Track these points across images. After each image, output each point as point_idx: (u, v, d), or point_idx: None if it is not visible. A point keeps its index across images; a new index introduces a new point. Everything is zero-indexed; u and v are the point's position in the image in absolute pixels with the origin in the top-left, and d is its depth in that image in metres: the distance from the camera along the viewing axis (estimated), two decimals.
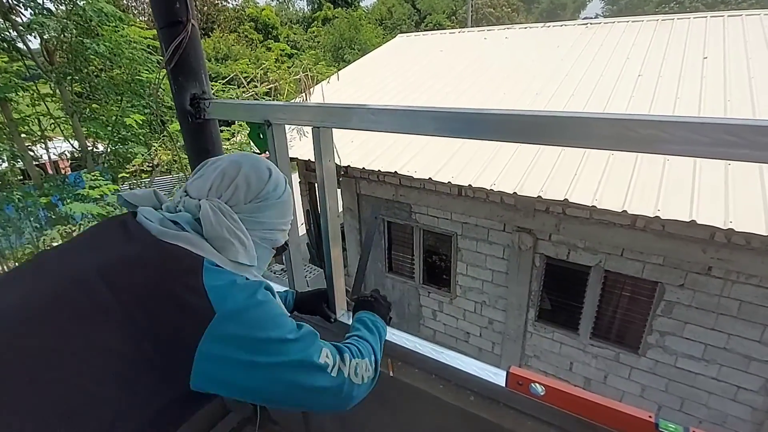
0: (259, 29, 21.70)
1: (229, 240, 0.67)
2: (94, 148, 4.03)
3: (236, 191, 0.72)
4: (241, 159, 0.76)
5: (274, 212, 0.78)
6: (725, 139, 0.59)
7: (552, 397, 0.92)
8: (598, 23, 7.65)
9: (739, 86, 4.72)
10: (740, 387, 4.11)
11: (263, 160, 0.79)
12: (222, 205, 0.69)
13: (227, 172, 0.72)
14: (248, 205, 0.73)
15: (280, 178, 0.80)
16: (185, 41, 1.19)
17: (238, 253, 0.68)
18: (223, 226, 0.67)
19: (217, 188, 0.71)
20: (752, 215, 3.28)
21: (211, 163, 0.76)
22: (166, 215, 0.69)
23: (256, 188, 0.74)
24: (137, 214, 0.70)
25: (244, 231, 0.71)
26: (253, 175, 0.74)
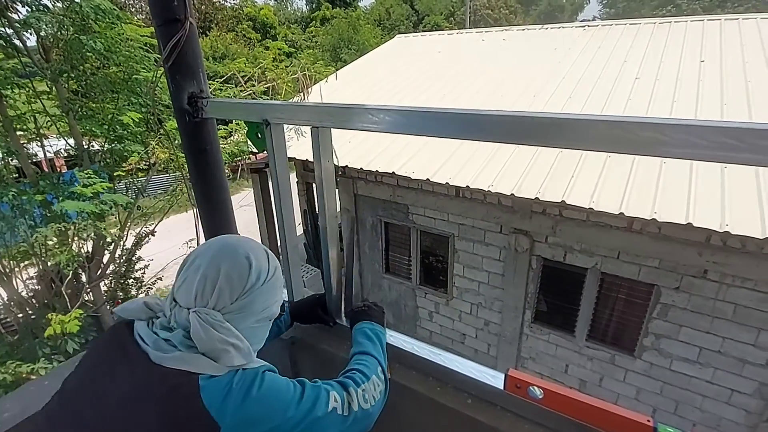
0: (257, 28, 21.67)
1: (223, 350, 0.69)
2: (90, 147, 4.00)
3: (221, 295, 0.73)
4: (219, 255, 0.76)
5: (264, 298, 0.79)
6: (725, 143, 0.59)
7: (550, 400, 0.91)
8: (596, 26, 7.67)
9: (735, 89, 4.74)
10: (734, 390, 4.12)
11: (242, 250, 0.78)
12: (210, 315, 0.71)
13: (208, 276, 0.73)
14: (235, 303, 0.74)
15: (262, 264, 0.79)
16: (183, 39, 1.18)
17: (233, 359, 0.70)
18: (214, 339, 0.69)
19: (202, 295, 0.72)
20: (748, 218, 3.30)
21: (191, 263, 0.76)
22: (160, 335, 0.72)
23: (239, 287, 0.75)
24: (134, 330, 0.74)
25: (236, 335, 0.72)
26: (233, 273, 0.74)
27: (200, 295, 0.72)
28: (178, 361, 0.68)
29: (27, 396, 1.12)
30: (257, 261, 0.78)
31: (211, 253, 0.76)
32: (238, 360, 0.70)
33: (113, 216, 4.13)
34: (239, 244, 0.80)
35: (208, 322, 0.69)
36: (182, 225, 7.83)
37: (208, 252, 0.77)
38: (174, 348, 0.70)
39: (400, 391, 1.10)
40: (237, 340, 0.71)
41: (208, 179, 1.35)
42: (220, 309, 0.73)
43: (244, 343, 0.73)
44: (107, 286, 4.71)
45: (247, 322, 0.76)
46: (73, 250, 3.62)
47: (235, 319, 0.74)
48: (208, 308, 0.72)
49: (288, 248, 1.26)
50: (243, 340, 0.73)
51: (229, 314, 0.73)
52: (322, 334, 1.28)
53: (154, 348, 0.70)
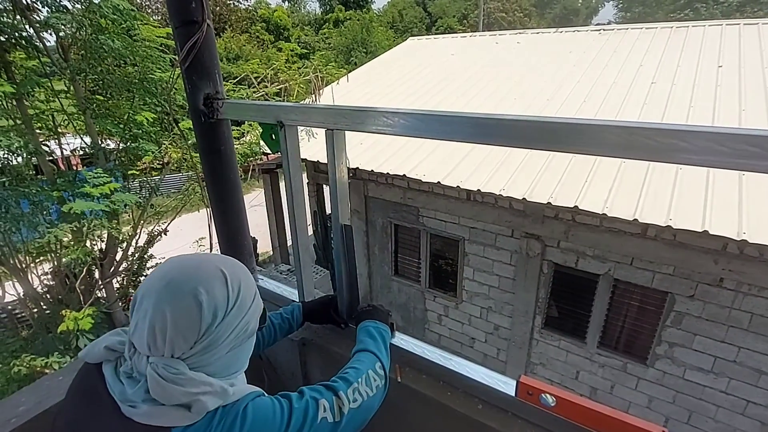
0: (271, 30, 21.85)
1: (187, 403, 0.64)
2: (106, 145, 4.07)
3: (175, 344, 0.65)
4: (163, 296, 0.66)
5: (229, 330, 0.70)
6: (748, 151, 0.58)
7: (563, 408, 0.90)
8: (612, 29, 7.59)
9: (754, 96, 4.66)
10: (750, 401, 4.03)
11: (188, 287, 0.67)
12: (169, 368, 0.64)
13: (156, 324, 0.64)
14: (195, 347, 0.67)
15: (217, 298, 0.68)
16: (200, 41, 1.20)
17: (206, 404, 0.64)
18: (177, 394, 0.63)
19: (155, 345, 0.65)
20: (766, 226, 3.23)
21: (139, 304, 0.68)
22: (125, 384, 0.67)
23: (192, 333, 0.66)
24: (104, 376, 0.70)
25: (204, 381, 0.65)
26: (180, 320, 0.65)
27: (153, 346, 0.65)
28: (146, 417, 0.63)
29: (42, 390, 1.13)
30: (209, 296, 0.67)
31: (155, 293, 0.67)
32: (212, 403, 0.65)
33: (127, 214, 4.19)
34: (185, 278, 0.68)
35: (167, 378, 0.63)
36: (194, 224, 7.93)
37: (153, 293, 0.67)
38: (141, 403, 0.65)
39: (410, 395, 1.10)
40: (206, 386, 0.65)
41: (222, 179, 1.36)
42: (179, 356, 0.66)
43: (215, 384, 0.66)
44: (119, 283, 4.78)
45: (217, 355, 0.70)
46: (86, 247, 3.68)
47: (202, 360, 0.68)
48: (165, 357, 0.65)
49: (300, 249, 1.26)
50: (213, 384, 0.66)
51: (193, 357, 0.67)
52: (333, 336, 1.28)
53: (121, 400, 0.65)
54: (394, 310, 6.60)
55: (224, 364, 0.72)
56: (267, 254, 8.88)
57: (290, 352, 1.32)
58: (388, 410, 1.18)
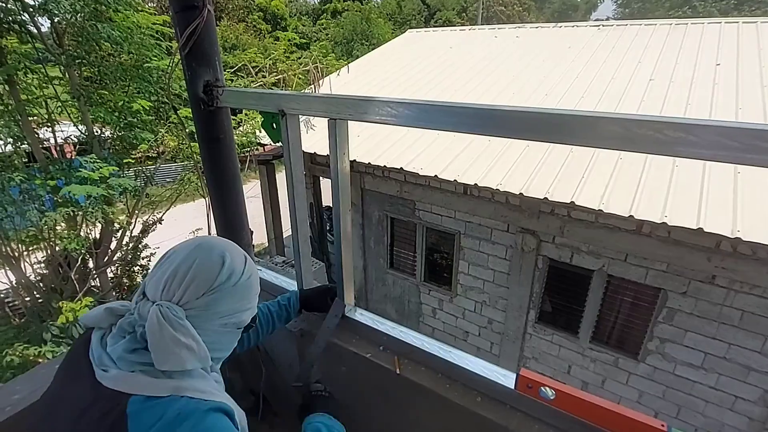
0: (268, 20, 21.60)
1: (173, 352, 0.66)
2: (101, 134, 4.01)
3: (187, 289, 0.71)
4: (195, 252, 0.74)
5: (232, 299, 0.76)
6: (758, 146, 0.57)
7: (562, 401, 0.90)
8: (611, 25, 7.58)
9: (751, 94, 4.68)
10: (738, 397, 4.09)
11: (218, 248, 0.76)
12: (171, 310, 0.68)
13: (179, 269, 0.72)
14: (200, 299, 0.72)
15: (236, 265, 0.77)
16: (200, 27, 1.17)
17: (184, 361, 0.67)
18: (167, 337, 0.66)
19: (169, 288, 0.71)
20: (760, 225, 3.25)
21: (168, 257, 0.75)
22: (108, 345, 0.70)
23: (206, 282, 0.72)
24: (90, 343, 0.72)
25: (193, 335, 0.69)
26: (203, 268, 0.73)
27: (167, 288, 0.71)
28: (113, 381, 0.66)
29: (37, 379, 1.12)
30: (231, 261, 0.76)
31: (187, 249, 0.75)
32: (189, 363, 0.68)
33: (121, 203, 4.15)
34: (218, 243, 0.78)
35: (168, 318, 0.67)
36: (189, 214, 7.88)
37: (184, 248, 0.76)
38: (113, 365, 0.67)
39: (408, 387, 1.10)
40: (193, 341, 0.69)
41: (221, 168, 1.35)
42: (184, 304, 0.70)
43: (200, 346, 0.70)
44: (113, 272, 4.75)
45: (212, 322, 0.74)
46: (80, 235, 3.64)
47: (199, 316, 0.72)
48: (172, 302, 0.70)
49: (300, 239, 1.25)
50: (200, 343, 0.70)
51: (194, 310, 0.71)
52: None
53: (98, 364, 0.68)
54: (389, 302, 6.62)
55: (210, 339, 0.75)
56: (262, 246, 8.86)
57: (288, 343, 1.32)
58: (386, 402, 1.18)
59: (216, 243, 0.78)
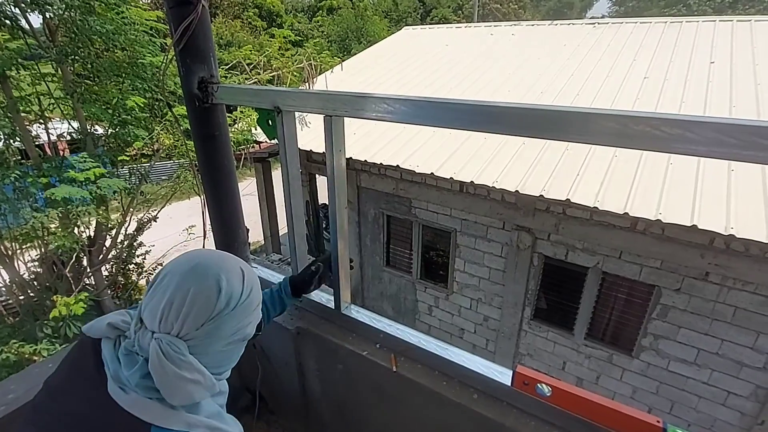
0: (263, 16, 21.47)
1: (178, 387, 0.66)
2: (93, 130, 3.96)
3: (185, 321, 0.68)
4: (189, 277, 0.71)
5: (234, 322, 0.74)
6: (756, 142, 0.57)
7: (558, 398, 0.91)
8: (606, 23, 7.60)
9: (745, 92, 4.71)
10: (730, 392, 4.14)
11: (212, 271, 0.73)
12: (173, 345, 0.66)
13: (175, 299, 0.69)
14: (200, 329, 0.70)
15: (234, 288, 0.74)
16: (195, 22, 1.16)
17: (192, 395, 0.67)
18: (171, 374, 0.65)
19: (166, 320, 0.68)
20: (753, 222, 3.28)
21: (161, 281, 0.72)
22: (122, 362, 0.69)
23: (204, 313, 0.70)
24: (101, 348, 0.71)
25: (198, 369, 0.69)
26: (199, 299, 0.69)
27: (164, 320, 0.68)
28: (131, 405, 0.65)
29: (31, 378, 1.11)
30: (228, 284, 0.73)
31: (181, 273, 0.71)
32: (198, 395, 0.68)
33: (116, 201, 4.12)
34: (212, 264, 0.74)
35: (169, 355, 0.66)
36: (184, 212, 7.83)
37: (178, 271, 0.72)
38: (132, 389, 0.67)
39: (405, 385, 1.10)
40: (198, 374, 0.68)
41: (216, 166, 1.33)
42: (183, 335, 0.68)
43: (206, 377, 0.69)
44: (108, 271, 4.71)
45: (215, 346, 0.73)
46: (74, 234, 3.61)
47: (201, 345, 0.71)
48: (171, 335, 0.68)
49: (296, 236, 1.25)
50: (205, 374, 0.69)
51: (194, 340, 0.70)
52: (327, 326, 1.28)
53: (114, 380, 0.67)
54: (385, 300, 6.63)
55: (217, 360, 0.75)
56: (258, 244, 8.83)
57: (284, 341, 1.32)
58: (383, 400, 1.18)
59: (210, 264, 0.74)
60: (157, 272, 0.75)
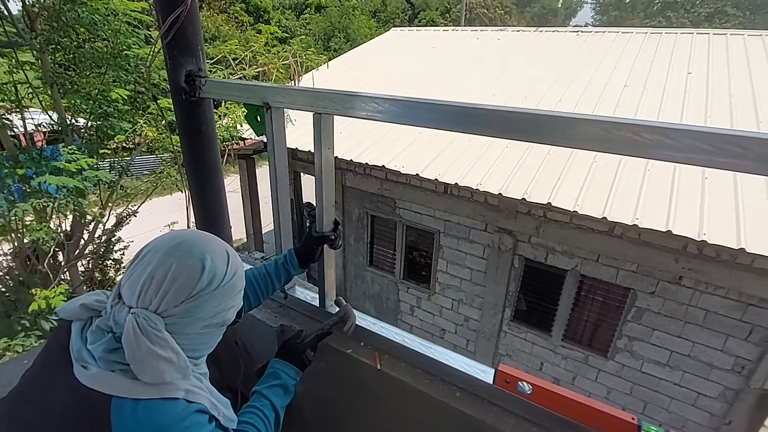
0: (250, 12, 21.17)
1: (150, 364, 0.64)
2: (75, 122, 3.85)
3: (164, 297, 0.67)
4: (172, 252, 0.70)
5: (215, 303, 0.72)
6: (731, 150, 0.60)
7: (538, 396, 0.93)
8: (589, 32, 7.76)
9: (720, 103, 4.88)
10: (700, 393, 4.28)
11: (197, 249, 0.71)
12: (149, 321, 0.65)
13: (156, 274, 0.67)
14: (179, 306, 0.68)
15: (218, 268, 0.72)
16: (184, 15, 1.15)
17: (163, 374, 0.65)
18: (144, 350, 0.63)
19: (145, 295, 0.67)
20: (724, 229, 3.41)
21: (143, 256, 0.71)
22: (88, 340, 0.68)
23: (185, 289, 0.68)
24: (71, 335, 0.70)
25: (172, 347, 0.66)
26: (181, 275, 0.68)
27: (143, 295, 0.67)
28: (92, 380, 0.64)
29: (5, 375, 1.08)
30: (212, 263, 0.71)
31: (165, 249, 0.70)
32: (169, 375, 0.66)
33: (94, 195, 4.00)
34: (197, 242, 0.73)
35: (144, 329, 0.64)
36: (164, 208, 7.69)
37: (162, 247, 0.71)
38: (94, 363, 0.65)
39: (388, 382, 1.11)
40: (172, 353, 0.66)
41: (202, 161, 1.32)
42: (161, 312, 0.67)
43: (180, 357, 0.67)
44: (84, 266, 4.59)
45: (193, 327, 0.71)
46: (50, 228, 3.51)
47: (179, 323, 0.69)
48: (149, 311, 0.66)
49: (281, 234, 1.25)
50: (180, 354, 0.67)
51: (172, 317, 0.68)
52: (311, 323, 1.28)
53: (78, 359, 0.66)
54: (367, 300, 6.63)
55: (194, 342, 0.73)
56: (240, 241, 8.73)
57: (268, 339, 1.31)
58: (366, 398, 1.19)
59: (196, 242, 0.73)
60: (141, 249, 0.74)
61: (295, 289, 1.38)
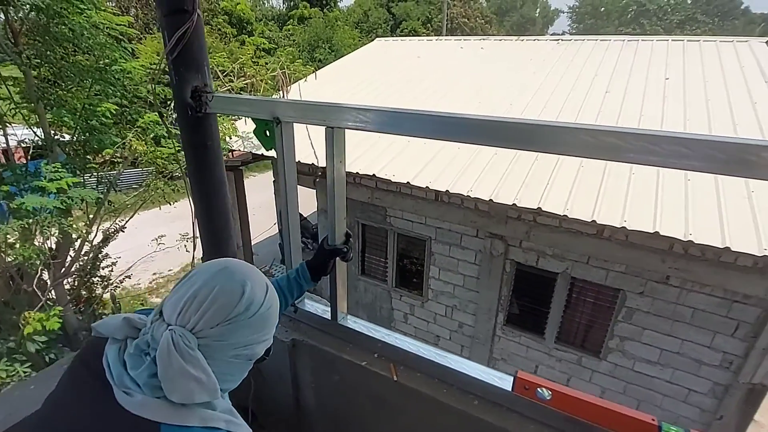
0: (234, 24, 21.11)
1: (182, 383, 0.65)
2: (61, 137, 3.76)
3: (203, 317, 0.69)
4: (218, 276, 0.72)
5: (247, 331, 0.73)
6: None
7: (558, 401, 0.94)
8: (569, 40, 7.97)
9: (697, 106, 5.04)
10: (691, 390, 4.37)
11: (239, 275, 0.74)
12: (184, 338, 0.66)
13: (199, 293, 0.69)
14: (215, 329, 0.69)
15: (256, 296, 0.74)
16: (190, 31, 1.15)
17: (193, 393, 0.66)
18: (176, 367, 0.65)
19: (185, 313, 0.68)
20: (709, 229, 3.51)
21: (190, 277, 0.73)
22: (128, 364, 0.68)
23: (223, 311, 0.70)
24: (104, 355, 0.70)
25: (203, 368, 0.68)
26: (221, 297, 0.70)
27: (184, 312, 0.68)
28: (139, 407, 0.64)
29: (12, 401, 1.05)
30: (252, 291, 0.73)
31: (210, 272, 0.73)
32: (198, 396, 0.67)
33: (81, 210, 3.91)
34: (240, 270, 0.76)
35: (178, 346, 0.65)
36: (150, 222, 7.55)
37: (208, 271, 0.73)
38: (138, 389, 0.66)
39: (405, 393, 1.11)
40: (203, 373, 0.67)
41: (208, 176, 1.31)
42: (197, 331, 0.68)
43: (210, 379, 0.68)
44: (70, 284, 4.46)
45: (224, 353, 0.72)
46: (35, 246, 3.40)
47: (211, 346, 0.70)
48: (186, 329, 0.67)
49: (292, 249, 1.24)
50: (210, 376, 0.68)
51: (206, 339, 0.69)
52: (324, 337, 1.27)
53: (119, 384, 0.66)
54: (360, 309, 6.60)
55: (221, 370, 0.73)
56: None
57: (278, 353, 1.30)
58: (383, 410, 1.19)
59: (239, 269, 0.75)
60: (189, 271, 0.76)
61: (304, 302, 1.37)
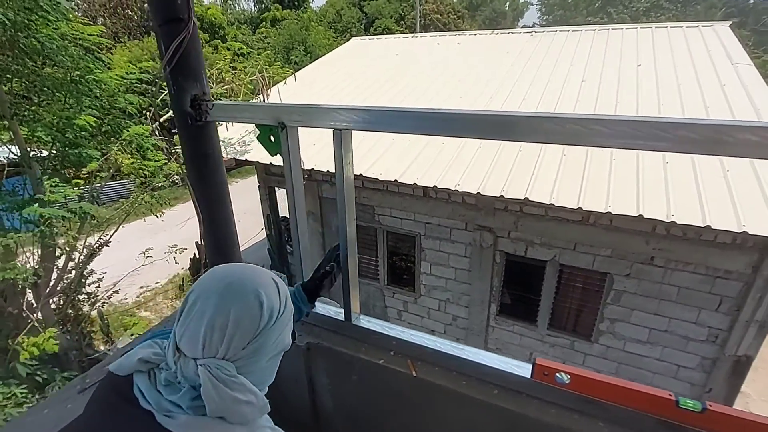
0: (205, 29, 20.76)
1: (235, 411, 0.65)
2: (39, 152, 3.64)
3: (231, 343, 0.66)
4: (226, 298, 0.68)
5: (274, 336, 0.73)
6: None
7: (576, 384, 0.97)
8: (542, 32, 8.10)
9: (669, 91, 5.20)
10: (680, 366, 4.52)
11: (251, 287, 0.70)
12: (222, 369, 0.65)
13: (216, 323, 0.66)
14: (247, 348, 0.68)
15: (273, 300, 0.72)
16: (186, 40, 1.14)
17: (246, 414, 0.66)
18: (227, 399, 0.64)
19: (210, 345, 0.66)
20: (689, 209, 3.63)
21: (191, 307, 0.68)
22: (164, 393, 0.66)
23: (249, 332, 0.68)
24: (133, 384, 0.68)
25: (250, 389, 0.67)
26: (244, 318, 0.67)
27: (208, 345, 0.65)
28: (184, 428, 0.63)
29: (27, 426, 1.03)
30: (268, 298, 0.71)
31: (217, 293, 0.68)
32: (252, 416, 0.67)
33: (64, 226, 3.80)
34: (246, 279, 0.71)
35: (220, 378, 0.64)
36: (134, 234, 7.39)
37: (213, 294, 0.68)
38: (181, 411, 0.64)
39: (425, 388, 1.13)
40: (252, 395, 0.67)
41: (211, 185, 1.30)
42: (230, 357, 0.66)
43: (258, 396, 0.68)
44: (56, 304, 4.33)
45: (260, 363, 0.72)
46: (17, 265, 3.30)
47: (248, 364, 0.69)
48: (217, 359, 0.65)
49: (302, 253, 1.24)
50: (257, 394, 0.68)
51: (241, 360, 0.68)
52: (339, 338, 1.27)
53: (159, 410, 0.64)
54: None
55: (261, 375, 0.73)
56: None
57: (293, 357, 1.30)
58: (403, 407, 1.20)
59: (245, 278, 0.71)
60: (185, 297, 0.71)
61: (316, 305, 1.38)
